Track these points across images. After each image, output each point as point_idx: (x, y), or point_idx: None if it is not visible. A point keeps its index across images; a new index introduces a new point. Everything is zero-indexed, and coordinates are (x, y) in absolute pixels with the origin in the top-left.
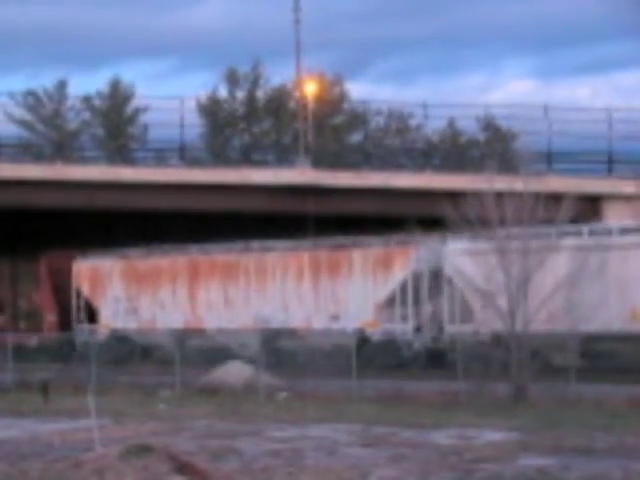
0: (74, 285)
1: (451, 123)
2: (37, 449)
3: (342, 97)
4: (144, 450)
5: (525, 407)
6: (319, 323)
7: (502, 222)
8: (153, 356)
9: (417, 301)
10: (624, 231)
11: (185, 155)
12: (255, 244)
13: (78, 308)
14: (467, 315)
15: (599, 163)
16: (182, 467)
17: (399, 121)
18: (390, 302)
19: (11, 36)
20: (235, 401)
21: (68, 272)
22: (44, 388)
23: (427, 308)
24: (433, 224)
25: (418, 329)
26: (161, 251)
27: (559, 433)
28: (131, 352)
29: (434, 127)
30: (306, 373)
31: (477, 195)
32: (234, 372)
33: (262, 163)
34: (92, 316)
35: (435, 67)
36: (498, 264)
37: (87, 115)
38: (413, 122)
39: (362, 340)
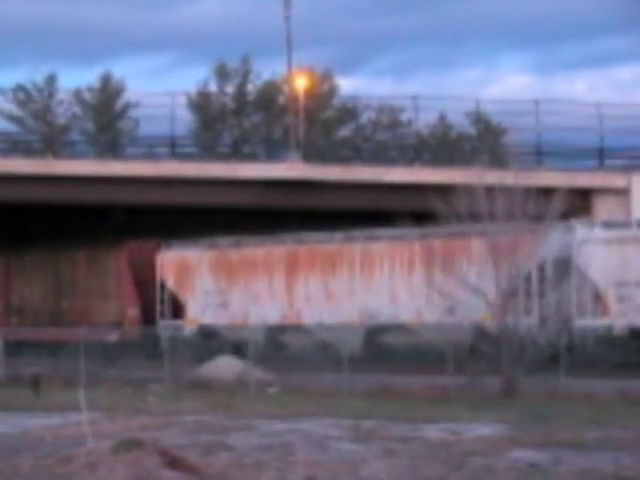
0: (158, 277)
1: (442, 117)
2: (28, 444)
3: (332, 92)
4: (135, 445)
5: (515, 401)
6: (432, 317)
7: (492, 216)
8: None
9: (542, 293)
10: None
11: (175, 150)
12: (358, 233)
13: (162, 302)
14: (600, 309)
15: (590, 157)
16: (173, 462)
17: (390, 115)
18: (513, 294)
19: (8, 32)
20: (226, 396)
21: (150, 264)
22: (35, 383)
23: (552, 301)
24: (424, 218)
25: (542, 323)
26: (254, 241)
27: (549, 427)
28: (220, 348)
29: (426, 121)
30: (298, 367)
31: (468, 189)
32: (225, 366)
33: (252, 158)
34: (176, 310)
35: (433, 62)
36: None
37: (77, 109)
38: (405, 116)
39: (480, 334)
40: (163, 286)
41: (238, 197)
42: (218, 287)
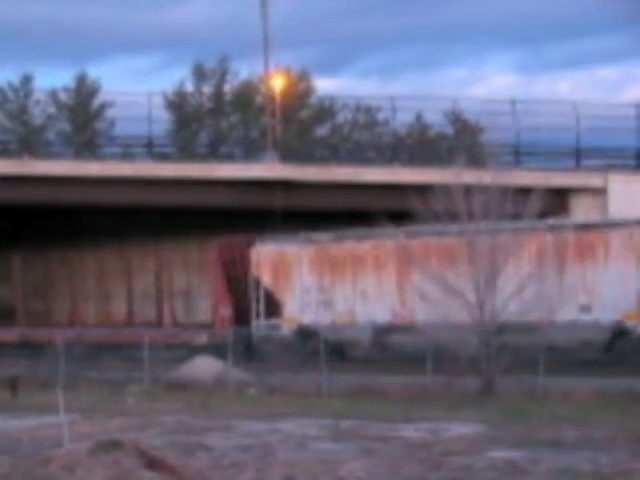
0: (252, 274)
1: (419, 117)
2: (6, 445)
3: (308, 91)
4: (113, 446)
5: (493, 400)
6: (565, 315)
7: (470, 215)
8: (347, 354)
9: None
10: None
11: (152, 150)
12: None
13: (257, 300)
14: None
15: (567, 157)
16: (152, 462)
17: (367, 115)
18: None
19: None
20: (205, 396)
21: (242, 260)
22: (13, 384)
23: None
24: (401, 218)
25: None
26: (358, 235)
27: (528, 426)
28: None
29: (404, 121)
30: (277, 367)
31: (445, 188)
32: (204, 367)
33: (230, 158)
34: (271, 309)
35: (419, 62)
36: None
37: (53, 109)
38: (382, 116)
39: (618, 334)
40: (258, 283)
41: (215, 197)
42: (320, 284)
